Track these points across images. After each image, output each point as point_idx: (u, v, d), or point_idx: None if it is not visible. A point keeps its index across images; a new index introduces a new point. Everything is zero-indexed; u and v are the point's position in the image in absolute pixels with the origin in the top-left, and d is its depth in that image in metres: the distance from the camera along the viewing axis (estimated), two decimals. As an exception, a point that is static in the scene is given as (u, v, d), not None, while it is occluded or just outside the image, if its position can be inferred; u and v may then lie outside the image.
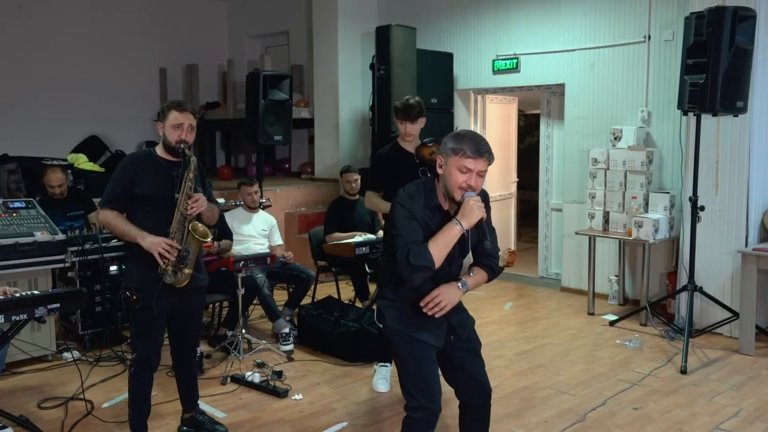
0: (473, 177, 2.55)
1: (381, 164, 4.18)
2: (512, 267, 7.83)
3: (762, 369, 4.56)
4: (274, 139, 6.82)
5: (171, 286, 3.21)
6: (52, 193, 5.41)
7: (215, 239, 5.03)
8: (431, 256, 2.48)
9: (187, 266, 3.23)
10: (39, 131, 8.34)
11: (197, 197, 3.23)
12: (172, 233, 3.21)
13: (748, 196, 5.11)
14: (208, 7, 10.46)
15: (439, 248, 2.50)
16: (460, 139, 2.57)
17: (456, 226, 2.51)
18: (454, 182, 2.55)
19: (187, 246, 3.22)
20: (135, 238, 3.18)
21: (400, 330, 2.66)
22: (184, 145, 3.26)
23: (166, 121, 3.28)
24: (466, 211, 2.51)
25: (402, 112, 4.06)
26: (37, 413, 3.84)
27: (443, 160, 2.60)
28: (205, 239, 3.27)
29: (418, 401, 2.60)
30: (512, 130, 8.25)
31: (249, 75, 6.85)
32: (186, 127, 3.27)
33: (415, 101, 4.09)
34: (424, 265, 2.48)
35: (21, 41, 8.44)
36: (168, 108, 3.31)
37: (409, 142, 4.12)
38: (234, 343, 4.72)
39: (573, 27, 6.54)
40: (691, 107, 4.75)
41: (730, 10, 4.55)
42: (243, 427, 3.71)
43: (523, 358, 4.81)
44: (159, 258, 3.14)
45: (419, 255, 2.48)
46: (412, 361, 2.65)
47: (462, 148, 2.53)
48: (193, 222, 3.24)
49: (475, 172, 2.55)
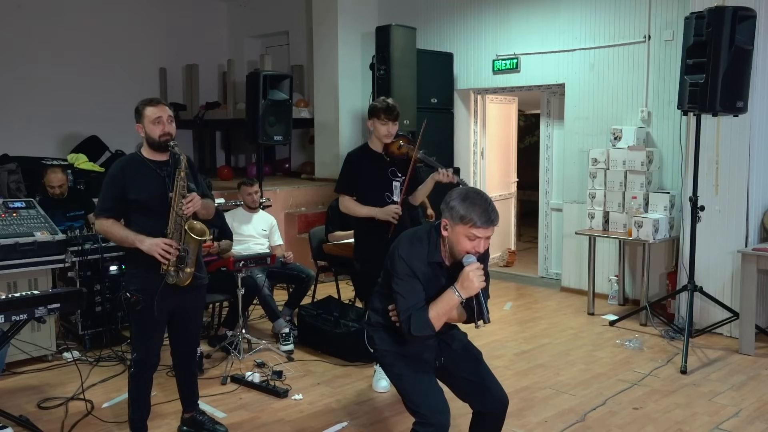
0: (481, 243, 2.54)
1: (352, 166, 4.13)
2: (512, 267, 7.89)
3: (762, 369, 4.56)
4: (274, 139, 6.83)
5: (172, 285, 3.21)
6: (52, 194, 5.41)
7: (215, 239, 5.03)
8: (431, 325, 2.54)
9: (188, 265, 3.23)
10: (39, 131, 8.34)
11: (191, 197, 3.21)
12: (169, 234, 3.20)
13: (748, 196, 5.11)
14: (208, 7, 10.46)
15: (439, 316, 2.55)
16: (469, 206, 2.49)
17: (455, 295, 2.53)
18: (462, 248, 2.54)
19: (185, 245, 3.22)
20: (133, 242, 3.17)
21: (390, 351, 2.71)
22: (172, 141, 3.23)
23: (144, 119, 3.26)
24: (466, 283, 2.50)
25: (385, 112, 4.01)
26: (37, 413, 3.84)
27: (449, 225, 2.55)
28: (202, 237, 3.26)
29: (423, 417, 2.59)
30: (512, 130, 8.26)
31: (249, 75, 6.85)
32: (165, 119, 3.25)
33: (394, 101, 4.09)
34: (423, 334, 2.56)
35: (21, 41, 8.43)
36: (142, 106, 3.29)
37: (385, 143, 4.09)
38: (234, 343, 4.72)
39: (573, 27, 6.54)
40: (691, 107, 4.75)
41: (730, 10, 4.55)
42: (243, 427, 3.71)
43: (523, 358, 4.81)
44: (160, 258, 3.14)
45: (420, 324, 2.53)
46: (408, 377, 2.66)
47: (471, 218, 2.48)
48: (190, 221, 3.23)
49: (483, 238, 2.54)
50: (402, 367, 2.68)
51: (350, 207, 4.14)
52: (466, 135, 7.69)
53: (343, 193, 4.16)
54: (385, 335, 2.74)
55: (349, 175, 4.14)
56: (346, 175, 4.17)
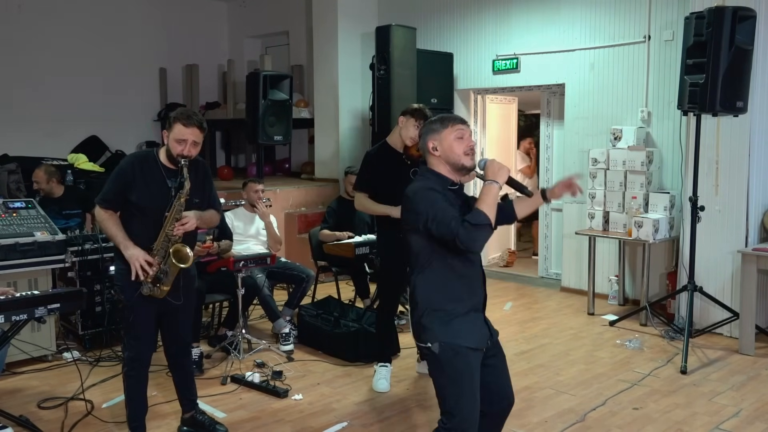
0: (470, 140, 2.66)
1: (370, 165, 4.19)
2: (512, 267, 7.89)
3: (762, 369, 4.56)
4: (274, 139, 6.83)
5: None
6: (37, 189, 5.43)
7: (215, 239, 5.03)
8: (486, 215, 2.42)
9: (164, 284, 3.23)
10: (39, 131, 8.35)
11: (185, 220, 3.21)
12: (155, 250, 3.20)
13: (748, 196, 5.11)
14: (208, 7, 10.46)
15: (489, 206, 2.45)
16: (441, 118, 2.70)
17: (493, 185, 2.50)
18: (459, 151, 2.61)
19: (165, 267, 3.20)
20: (119, 244, 3.19)
21: (447, 344, 2.54)
22: (184, 162, 3.18)
23: (171, 133, 3.20)
24: (495, 171, 2.54)
25: (420, 114, 4.05)
26: (37, 413, 3.84)
27: (435, 142, 2.64)
28: (183, 264, 3.21)
29: (454, 422, 2.55)
30: (512, 130, 8.25)
31: (249, 75, 6.86)
32: (189, 143, 3.18)
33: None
34: (483, 223, 2.41)
35: (21, 41, 8.44)
36: (175, 119, 3.20)
37: (407, 144, 4.12)
38: (234, 343, 4.72)
39: (573, 27, 6.54)
40: (691, 107, 4.75)
41: (730, 10, 4.55)
42: (243, 427, 3.71)
43: (523, 358, 4.81)
44: (136, 272, 3.14)
45: (476, 216, 2.41)
46: (466, 381, 2.56)
47: (449, 121, 2.66)
48: (176, 245, 3.21)
49: (468, 134, 2.66)
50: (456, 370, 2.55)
51: (365, 204, 4.21)
52: (466, 135, 7.68)
53: (359, 190, 4.23)
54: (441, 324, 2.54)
55: (366, 173, 4.22)
56: (363, 173, 4.26)
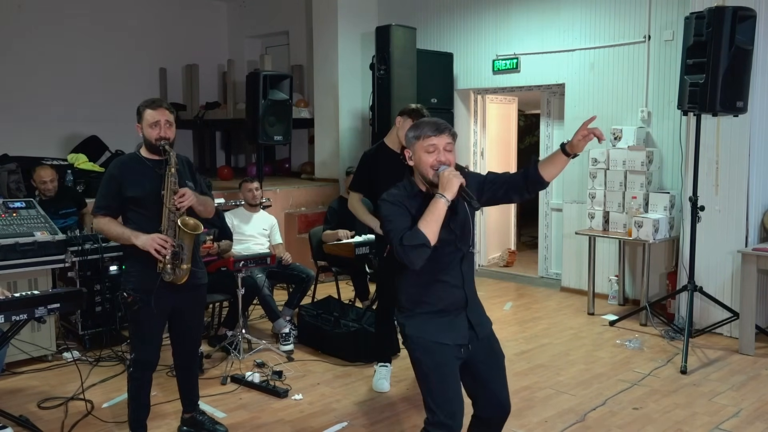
0: (441, 153, 2.60)
1: (365, 166, 4.19)
2: (512, 267, 7.89)
3: (762, 369, 4.56)
4: (274, 139, 6.83)
5: (170, 284, 3.21)
6: (44, 189, 5.42)
7: (215, 239, 5.03)
8: (423, 234, 2.47)
9: (184, 261, 3.23)
10: (39, 131, 8.34)
11: (183, 192, 3.22)
12: (164, 230, 3.21)
13: (748, 196, 5.11)
14: (208, 7, 10.46)
15: (428, 224, 2.48)
16: (418, 125, 2.67)
17: (440, 199, 2.51)
18: (425, 164, 2.60)
19: (180, 241, 3.21)
20: (129, 239, 3.19)
21: (421, 338, 2.61)
22: (164, 142, 3.26)
23: (143, 121, 3.30)
24: (445, 183, 2.53)
25: (417, 114, 4.01)
26: (37, 413, 3.84)
27: (411, 152, 2.66)
28: (196, 231, 3.25)
29: (438, 417, 2.56)
30: (512, 130, 8.25)
31: (249, 75, 6.85)
32: (162, 123, 3.28)
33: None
34: (418, 243, 2.47)
35: (21, 41, 8.43)
36: (143, 108, 3.32)
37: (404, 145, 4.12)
38: (234, 343, 4.72)
39: (573, 27, 6.54)
40: (691, 107, 4.75)
41: (730, 10, 4.55)
42: (243, 427, 3.71)
43: (523, 358, 4.81)
44: (155, 254, 3.14)
45: (412, 236, 2.48)
46: (436, 376, 2.59)
47: (422, 131, 2.62)
48: (182, 217, 3.23)
49: (442, 147, 2.60)
50: (431, 363, 2.60)
51: (355, 207, 4.23)
52: (466, 135, 7.68)
53: (353, 190, 4.24)
54: (416, 322, 2.64)
55: (361, 174, 4.22)
56: (358, 173, 4.26)
